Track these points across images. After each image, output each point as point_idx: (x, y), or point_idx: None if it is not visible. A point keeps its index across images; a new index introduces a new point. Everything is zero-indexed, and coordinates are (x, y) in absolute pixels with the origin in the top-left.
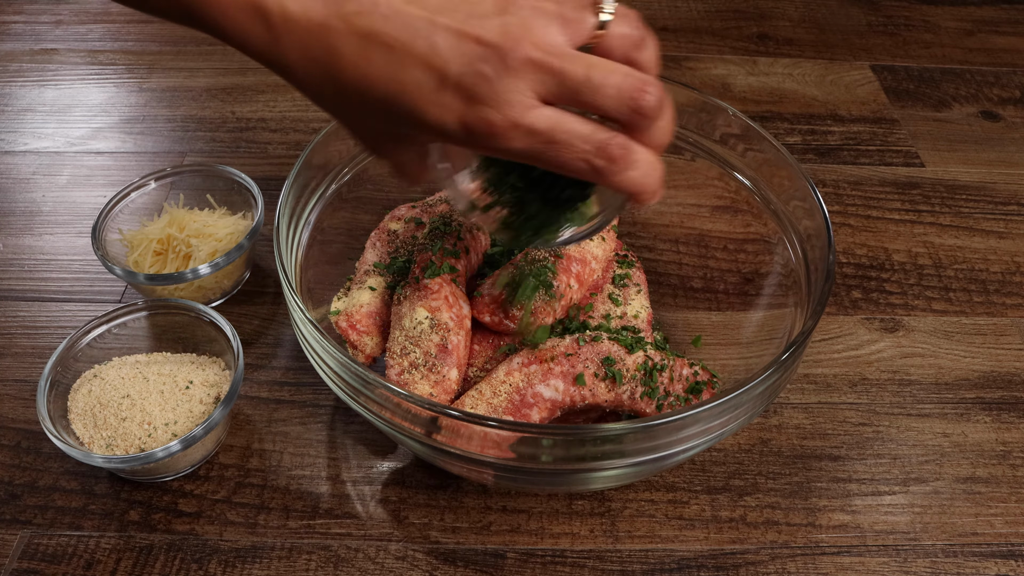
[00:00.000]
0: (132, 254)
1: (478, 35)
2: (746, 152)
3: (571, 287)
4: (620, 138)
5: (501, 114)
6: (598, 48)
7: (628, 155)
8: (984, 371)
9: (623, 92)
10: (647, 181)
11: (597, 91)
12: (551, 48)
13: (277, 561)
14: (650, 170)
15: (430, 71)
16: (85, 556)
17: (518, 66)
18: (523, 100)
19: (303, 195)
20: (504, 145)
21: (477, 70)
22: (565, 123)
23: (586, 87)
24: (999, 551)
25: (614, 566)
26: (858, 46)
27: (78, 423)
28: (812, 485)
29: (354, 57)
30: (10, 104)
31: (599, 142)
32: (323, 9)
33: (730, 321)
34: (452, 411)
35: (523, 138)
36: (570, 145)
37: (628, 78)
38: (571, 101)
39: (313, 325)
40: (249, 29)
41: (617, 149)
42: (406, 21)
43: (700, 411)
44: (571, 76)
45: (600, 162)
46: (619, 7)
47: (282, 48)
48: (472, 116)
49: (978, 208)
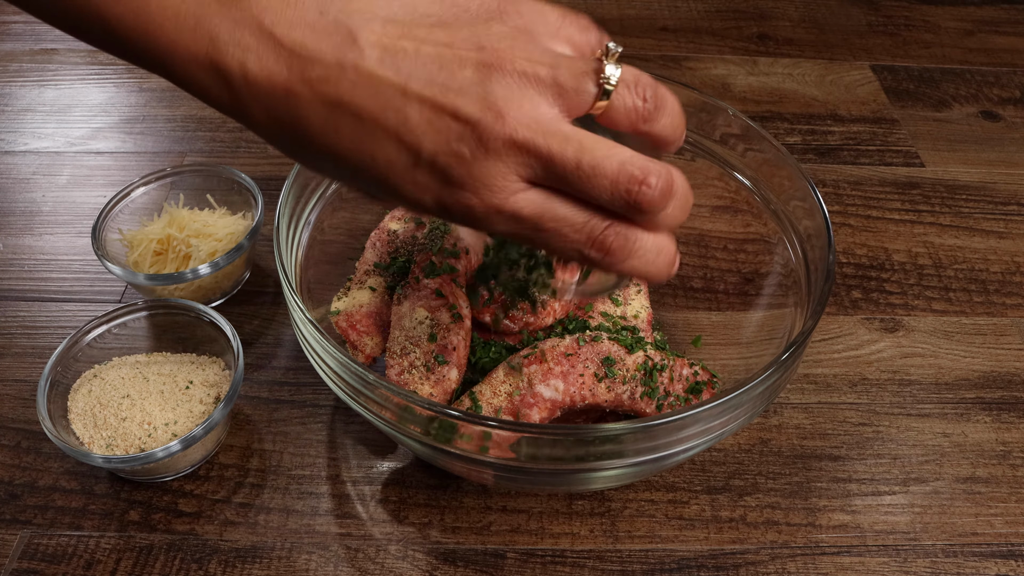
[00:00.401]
0: (132, 254)
1: (455, 109)
2: (746, 152)
3: None
4: (618, 227)
5: (479, 199)
6: (602, 118)
7: (627, 245)
8: (984, 371)
9: (619, 185)
10: (652, 269)
11: (589, 180)
12: (538, 126)
13: (277, 561)
14: (655, 257)
15: (402, 147)
16: (85, 556)
17: (499, 147)
18: (505, 185)
19: (303, 195)
20: (486, 228)
21: (453, 150)
22: (553, 210)
23: (575, 175)
24: (999, 551)
25: (614, 566)
26: (858, 46)
27: (78, 423)
28: (812, 485)
29: (321, 126)
30: (10, 104)
31: (593, 232)
32: (286, 73)
33: (730, 321)
34: (452, 411)
35: (506, 223)
36: (560, 234)
37: (625, 168)
38: (560, 187)
39: (313, 325)
40: (209, 87)
41: (614, 239)
42: (376, 89)
43: (700, 411)
44: (559, 161)
45: (595, 253)
46: (627, 72)
47: (245, 107)
48: (449, 199)
49: (978, 208)
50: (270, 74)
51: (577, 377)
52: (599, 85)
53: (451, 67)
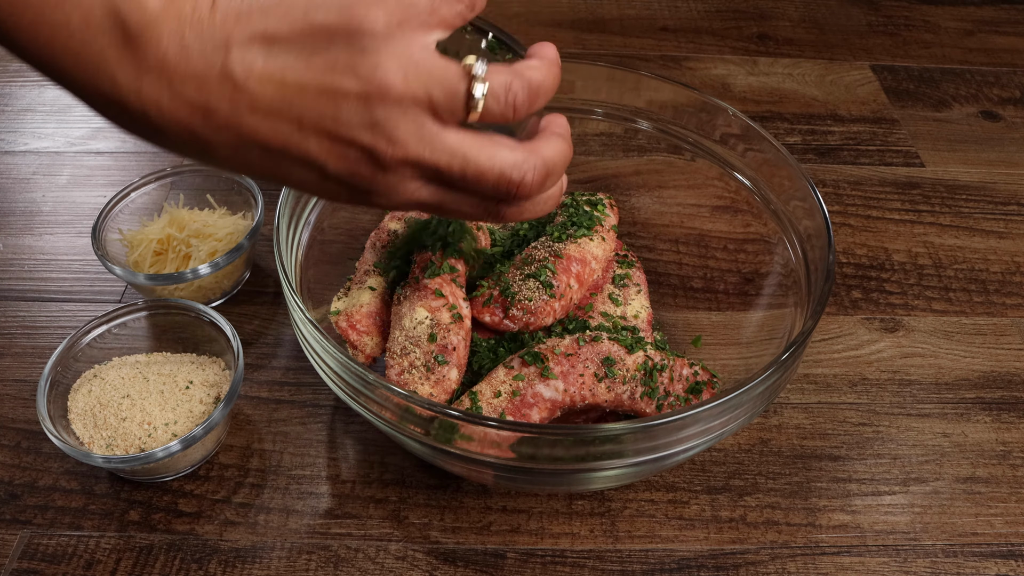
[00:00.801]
0: (132, 254)
1: (350, 138)
2: (746, 152)
3: (571, 287)
4: (504, 206)
5: (387, 199)
6: (484, 116)
7: (519, 211)
8: (984, 371)
9: (499, 188)
10: (542, 215)
11: (475, 185)
12: (425, 143)
13: (277, 561)
14: (543, 206)
15: (310, 169)
16: (85, 556)
17: (395, 165)
18: (406, 188)
19: (303, 195)
20: (399, 211)
21: (355, 171)
22: (450, 198)
23: (463, 182)
24: (999, 551)
25: (614, 566)
26: (858, 46)
27: (78, 423)
28: (812, 485)
29: (229, 154)
30: (10, 104)
31: (487, 208)
32: (189, 118)
33: (730, 321)
34: (452, 411)
35: (413, 208)
36: (460, 212)
37: (504, 175)
38: (452, 189)
39: (313, 325)
40: (119, 120)
41: (506, 210)
42: (274, 125)
43: (700, 411)
44: (447, 173)
45: (492, 220)
46: (495, 82)
47: (157, 141)
48: (361, 200)
49: (978, 208)
50: (174, 117)
51: (577, 377)
52: (469, 102)
53: (336, 100)
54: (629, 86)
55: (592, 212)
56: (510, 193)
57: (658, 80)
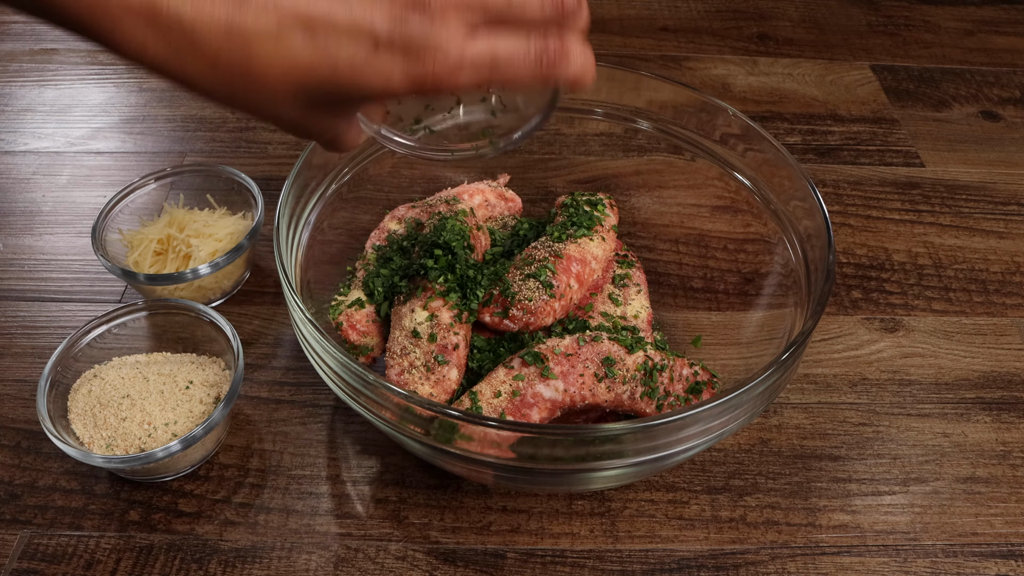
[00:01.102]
0: (132, 254)
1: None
2: (746, 152)
3: (571, 287)
4: (551, 40)
5: (442, 59)
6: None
7: (564, 49)
8: (984, 371)
9: (545, 3)
10: (585, 69)
11: (522, 10)
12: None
13: (277, 561)
14: (584, 59)
15: (360, 39)
16: (85, 556)
17: (443, 10)
18: (458, 40)
19: (303, 195)
20: (453, 85)
21: (407, 26)
22: (501, 46)
23: (510, 11)
24: (999, 551)
25: (614, 566)
26: (858, 46)
27: (78, 423)
28: (812, 485)
29: (271, 54)
30: (10, 104)
31: (537, 51)
32: (225, 12)
33: (730, 321)
34: (452, 411)
35: (469, 73)
36: (512, 63)
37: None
38: (500, 24)
39: (313, 325)
40: (145, 41)
41: (554, 47)
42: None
43: (700, 411)
44: (493, 5)
45: (544, 69)
46: None
47: (184, 60)
48: (415, 68)
49: (978, 208)
50: (212, 17)
51: (577, 377)
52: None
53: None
54: (629, 86)
55: (592, 212)
56: (556, 12)
57: (658, 80)
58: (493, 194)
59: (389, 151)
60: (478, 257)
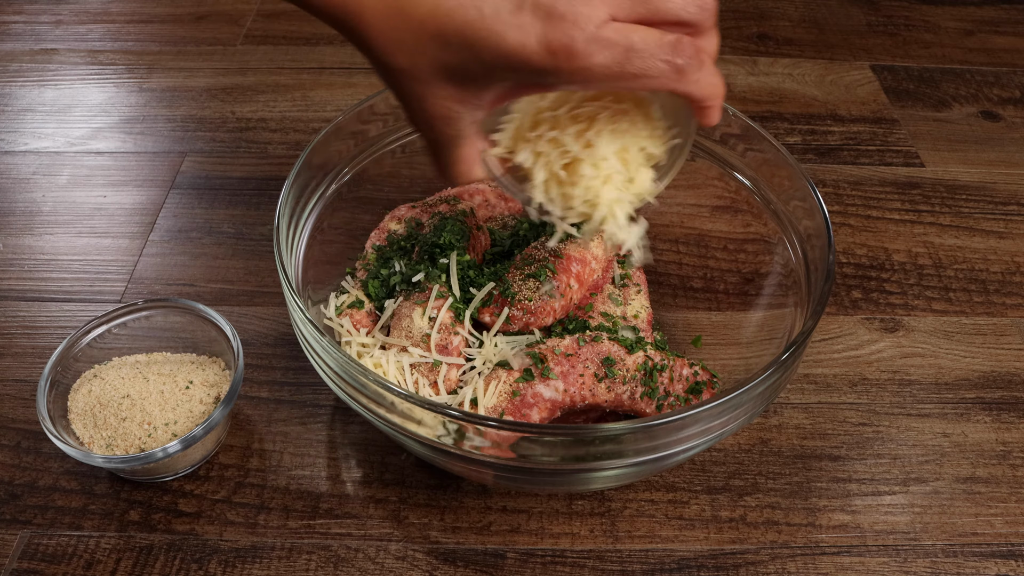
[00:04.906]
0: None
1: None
2: (746, 152)
3: (571, 287)
4: (686, 38)
5: (579, 31)
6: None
7: (699, 54)
8: (984, 371)
9: (688, 2)
10: (716, 85)
11: (665, 5)
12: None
13: (277, 561)
14: (715, 76)
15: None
16: (85, 556)
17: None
18: (598, 19)
19: (303, 195)
20: (585, 63)
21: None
22: (638, 31)
23: (652, 4)
24: (999, 551)
25: (614, 566)
26: (858, 46)
27: (78, 423)
28: (812, 485)
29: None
30: (10, 104)
31: (673, 43)
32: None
33: (730, 321)
34: (452, 411)
35: (603, 52)
36: (647, 52)
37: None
38: (644, 12)
39: (313, 325)
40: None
41: (690, 47)
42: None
43: (700, 411)
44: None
45: (679, 60)
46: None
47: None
48: (552, 33)
49: (978, 208)
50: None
51: (577, 377)
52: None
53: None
54: None
55: None
56: (700, 12)
57: None
58: (493, 194)
59: (388, 151)
60: (478, 257)
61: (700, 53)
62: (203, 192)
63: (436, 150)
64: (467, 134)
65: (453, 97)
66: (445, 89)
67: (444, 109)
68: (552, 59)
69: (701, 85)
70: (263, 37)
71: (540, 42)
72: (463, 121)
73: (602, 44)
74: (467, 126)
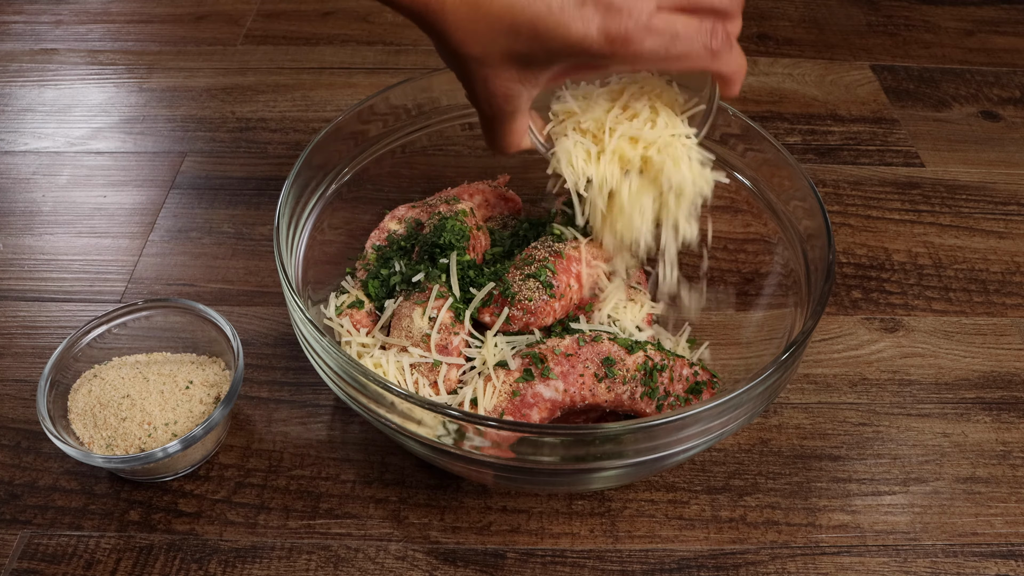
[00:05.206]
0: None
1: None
2: (746, 152)
3: (571, 287)
4: (719, 25)
5: (634, 21)
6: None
7: (729, 38)
8: (984, 371)
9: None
10: (741, 64)
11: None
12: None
13: (277, 561)
14: (741, 56)
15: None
16: (85, 556)
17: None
18: (649, 10)
19: (303, 195)
20: (637, 48)
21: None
22: (680, 20)
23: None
24: (999, 551)
25: (614, 566)
26: (858, 46)
27: (78, 423)
28: (812, 485)
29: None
30: (10, 104)
31: (709, 29)
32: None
33: (730, 321)
34: (452, 411)
35: (652, 38)
36: (689, 36)
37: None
38: (685, 2)
39: (313, 325)
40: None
41: (722, 32)
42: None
43: (700, 411)
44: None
45: (714, 44)
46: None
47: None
48: (611, 23)
49: (978, 208)
50: None
51: (577, 377)
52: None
53: None
54: None
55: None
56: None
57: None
58: (493, 194)
59: (388, 151)
60: (478, 257)
61: (730, 37)
62: (203, 192)
63: (492, 124)
64: (523, 109)
65: (515, 78)
66: (509, 71)
67: (506, 88)
68: (610, 46)
69: (730, 64)
70: (263, 37)
71: (600, 31)
72: (521, 98)
73: (652, 32)
74: (524, 103)
